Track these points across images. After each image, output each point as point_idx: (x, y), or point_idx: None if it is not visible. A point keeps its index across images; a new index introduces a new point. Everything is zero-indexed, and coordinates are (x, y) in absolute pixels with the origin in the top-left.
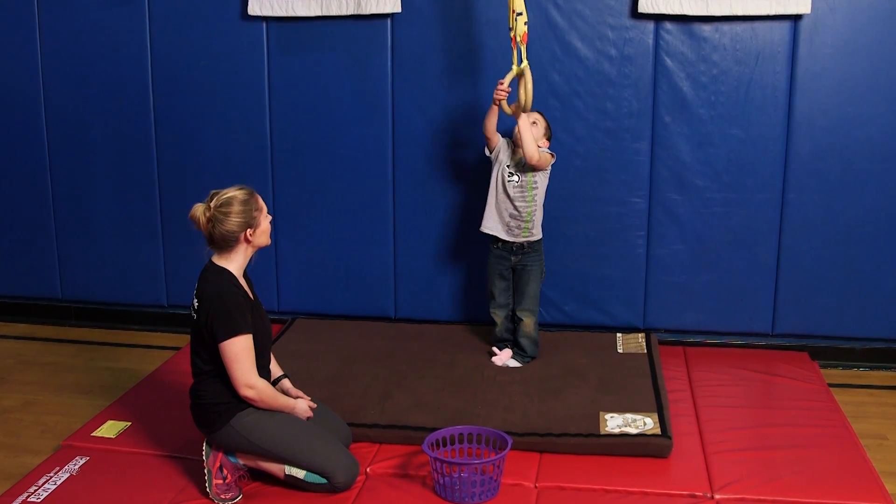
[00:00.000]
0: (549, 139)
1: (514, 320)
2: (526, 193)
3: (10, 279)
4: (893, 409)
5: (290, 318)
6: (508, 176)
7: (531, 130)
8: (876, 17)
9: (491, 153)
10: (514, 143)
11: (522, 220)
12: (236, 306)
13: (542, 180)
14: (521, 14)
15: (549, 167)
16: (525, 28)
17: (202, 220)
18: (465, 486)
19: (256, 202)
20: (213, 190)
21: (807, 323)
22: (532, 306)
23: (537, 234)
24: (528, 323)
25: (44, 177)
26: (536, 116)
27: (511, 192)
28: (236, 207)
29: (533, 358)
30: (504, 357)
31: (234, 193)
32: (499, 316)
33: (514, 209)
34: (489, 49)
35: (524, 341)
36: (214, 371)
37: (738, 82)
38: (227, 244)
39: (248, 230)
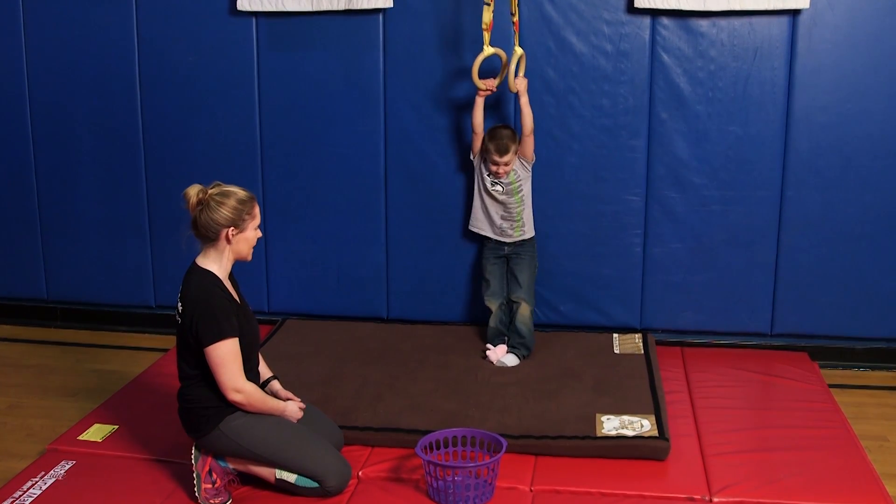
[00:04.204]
0: None
1: (510, 310)
2: (512, 198)
3: None
4: (894, 409)
5: (280, 319)
6: (492, 185)
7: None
8: (875, 12)
9: (474, 158)
10: (486, 156)
11: (514, 220)
12: (221, 309)
13: (525, 180)
14: (488, 4)
15: (531, 165)
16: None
17: (193, 200)
18: (459, 489)
19: (252, 208)
20: (217, 181)
21: (806, 322)
22: (528, 295)
23: (530, 232)
24: (525, 308)
25: (28, 174)
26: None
27: (498, 197)
28: (231, 202)
29: (529, 350)
30: (499, 353)
31: (236, 190)
32: (493, 303)
33: (504, 211)
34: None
35: (521, 328)
36: (201, 375)
37: (735, 78)
38: (208, 235)
39: (232, 229)
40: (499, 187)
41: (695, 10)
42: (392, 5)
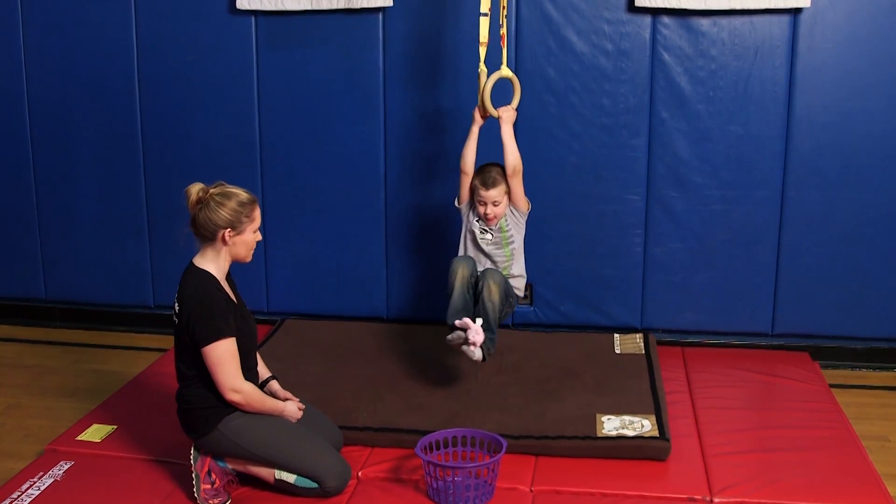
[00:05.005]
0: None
1: (476, 290)
2: (501, 249)
3: None
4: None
5: (279, 319)
6: (481, 234)
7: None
8: (877, 11)
9: (461, 205)
10: (474, 196)
11: (500, 267)
12: (218, 309)
13: (517, 233)
14: (485, 15)
15: (525, 220)
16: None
17: (193, 198)
18: (459, 490)
19: (251, 212)
20: (221, 181)
21: (807, 322)
22: (499, 276)
23: (517, 278)
24: (493, 288)
25: (27, 174)
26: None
27: (486, 248)
28: (231, 204)
29: (494, 345)
30: (477, 333)
31: (239, 192)
32: (457, 273)
33: (490, 264)
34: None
35: (489, 305)
36: (199, 376)
37: (736, 77)
38: (205, 235)
39: (229, 231)
40: (489, 235)
41: (695, 9)
42: (392, 4)
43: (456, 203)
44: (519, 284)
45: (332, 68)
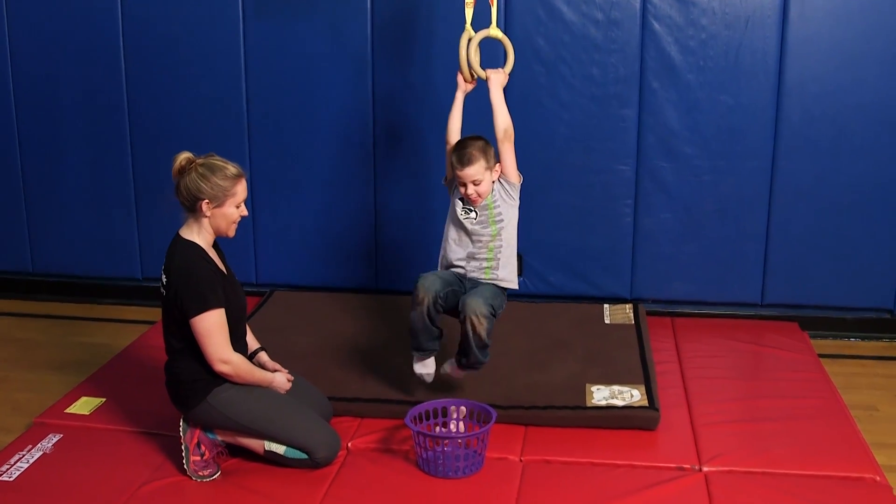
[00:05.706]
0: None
1: (459, 316)
2: (487, 228)
3: None
4: (884, 379)
5: (268, 291)
6: (464, 213)
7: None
8: None
9: (447, 183)
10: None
11: (483, 260)
12: (206, 280)
13: (507, 209)
14: None
15: (518, 194)
16: None
17: (177, 165)
18: (449, 460)
19: (233, 186)
20: (212, 152)
21: (797, 293)
22: (483, 307)
23: (505, 280)
24: (478, 322)
25: (12, 146)
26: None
27: (469, 227)
28: (215, 177)
29: (486, 357)
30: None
31: (225, 165)
32: (424, 292)
33: (472, 247)
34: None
35: (474, 341)
36: (187, 348)
37: (727, 47)
38: (186, 205)
39: (207, 202)
40: (473, 214)
41: None
42: None
43: (443, 182)
44: (508, 276)
45: (319, 38)
